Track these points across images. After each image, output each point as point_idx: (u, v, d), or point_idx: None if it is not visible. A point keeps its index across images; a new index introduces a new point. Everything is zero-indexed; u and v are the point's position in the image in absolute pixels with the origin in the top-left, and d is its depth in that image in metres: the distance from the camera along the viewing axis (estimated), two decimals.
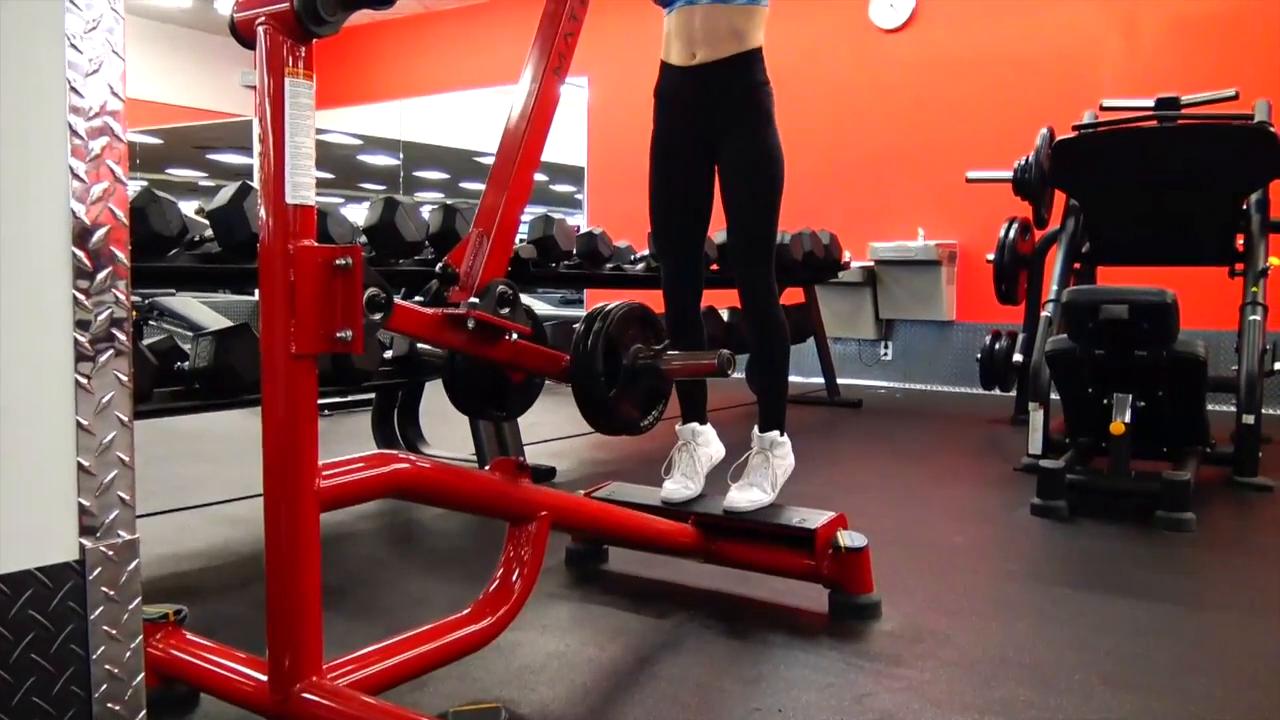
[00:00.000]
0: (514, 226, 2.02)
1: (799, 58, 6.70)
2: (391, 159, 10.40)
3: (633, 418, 2.09)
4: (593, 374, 1.99)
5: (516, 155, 2.01)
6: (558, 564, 2.70)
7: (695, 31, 2.51)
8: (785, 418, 2.63)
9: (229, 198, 2.76)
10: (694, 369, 2.14)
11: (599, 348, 2.00)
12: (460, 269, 1.93)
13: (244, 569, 2.75)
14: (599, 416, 2.05)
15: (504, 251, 1.97)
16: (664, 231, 2.69)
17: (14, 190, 0.97)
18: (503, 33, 8.73)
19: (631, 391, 2.08)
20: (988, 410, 5.87)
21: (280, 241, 1.50)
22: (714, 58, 2.51)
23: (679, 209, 2.65)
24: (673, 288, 2.68)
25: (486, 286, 1.89)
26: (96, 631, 1.03)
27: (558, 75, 2.09)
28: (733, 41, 2.50)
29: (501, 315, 1.89)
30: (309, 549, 1.56)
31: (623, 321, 2.05)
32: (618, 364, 2.04)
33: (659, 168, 2.65)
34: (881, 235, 6.87)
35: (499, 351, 1.95)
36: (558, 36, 2.10)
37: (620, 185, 7.87)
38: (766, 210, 2.55)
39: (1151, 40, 6.18)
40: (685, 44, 2.54)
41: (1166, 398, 3.47)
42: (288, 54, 1.49)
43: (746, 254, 2.57)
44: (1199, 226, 4.42)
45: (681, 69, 2.56)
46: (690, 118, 2.58)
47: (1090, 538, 3.11)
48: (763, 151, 2.52)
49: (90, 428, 1.01)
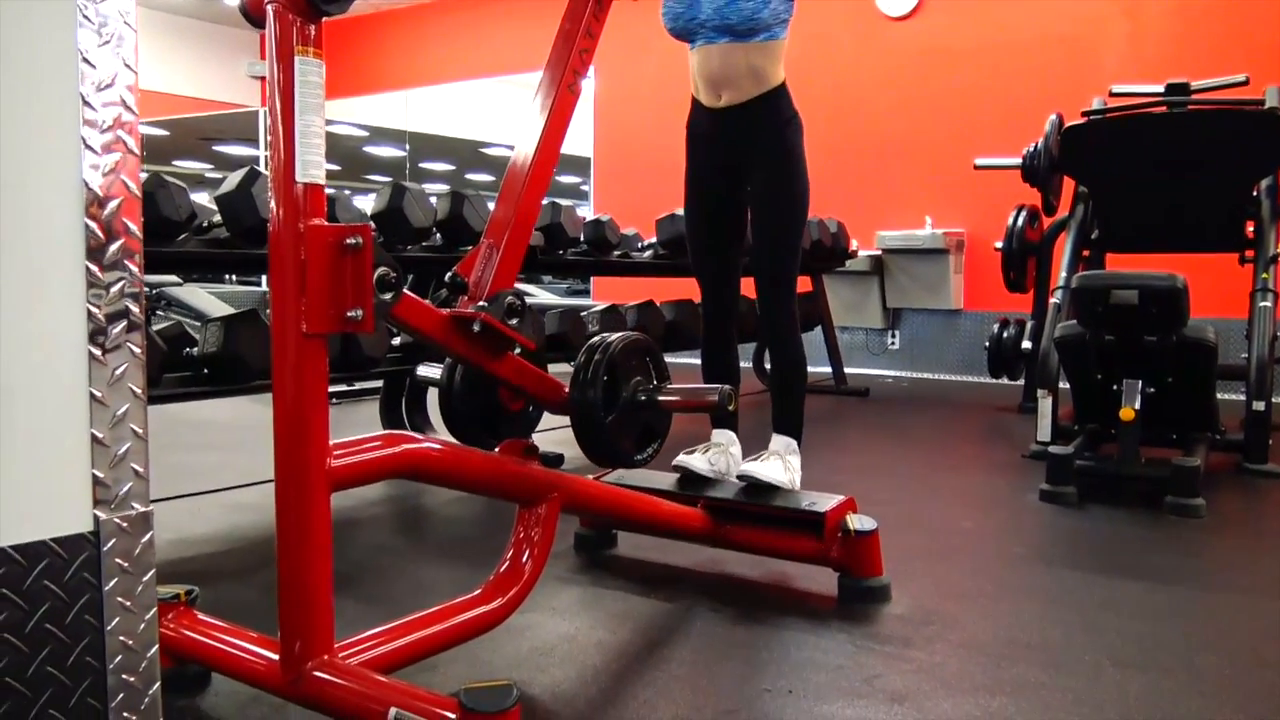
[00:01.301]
0: (525, 239, 2.01)
1: (806, 46, 6.66)
2: (398, 150, 10.40)
3: (627, 450, 2.08)
4: (592, 404, 1.98)
5: (529, 170, 2.00)
6: (566, 548, 2.71)
7: (716, 73, 2.57)
8: (802, 431, 2.68)
9: (237, 183, 2.76)
10: (693, 405, 2.14)
11: (599, 378, 1.99)
12: (469, 279, 1.92)
13: (253, 554, 2.75)
14: (595, 447, 2.04)
15: (514, 263, 1.96)
16: (701, 257, 2.77)
17: (25, 162, 0.97)
18: (509, 22, 8.71)
19: (629, 424, 2.06)
20: (995, 398, 5.86)
21: (291, 221, 1.50)
22: (739, 100, 2.57)
23: (714, 237, 2.74)
24: (711, 314, 2.78)
25: (495, 296, 1.88)
26: (111, 603, 1.03)
27: (572, 91, 2.09)
28: (754, 83, 2.56)
29: (509, 325, 1.87)
30: (320, 528, 1.56)
31: (624, 353, 2.04)
32: (617, 396, 2.04)
33: (693, 202, 2.75)
34: (889, 224, 6.85)
35: (502, 366, 1.94)
36: (573, 53, 2.09)
37: (627, 176, 7.87)
38: (790, 245, 2.63)
39: (1160, 26, 6.15)
40: (710, 86, 2.61)
41: (1176, 384, 3.46)
42: (297, 33, 1.48)
43: (770, 284, 2.64)
44: (1209, 213, 4.40)
45: (709, 110, 2.63)
46: (719, 153, 2.67)
47: (1099, 522, 3.10)
48: (788, 189, 2.60)
49: (104, 399, 1.01)
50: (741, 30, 2.49)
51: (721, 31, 2.51)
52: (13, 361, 0.96)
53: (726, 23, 2.49)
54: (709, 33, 2.53)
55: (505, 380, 1.97)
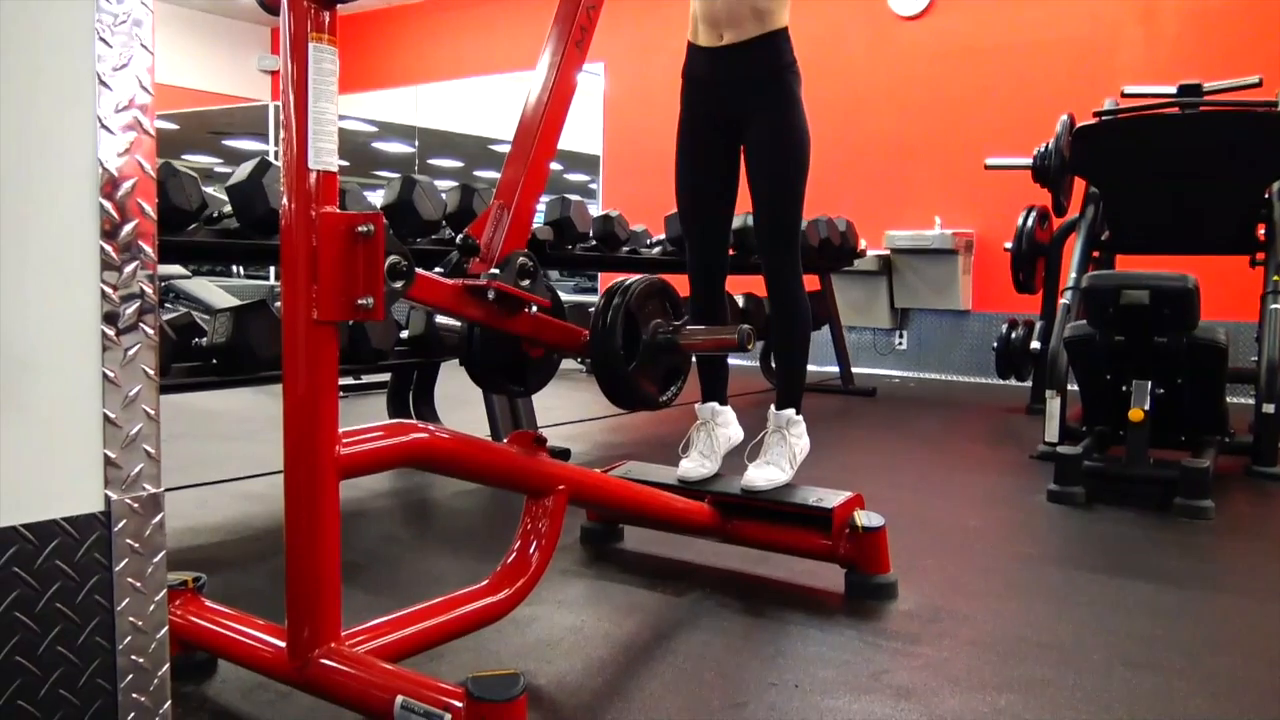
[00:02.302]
0: (535, 199, 2.02)
1: (817, 45, 6.66)
2: (406, 146, 10.39)
3: (651, 393, 2.08)
4: (612, 348, 1.98)
5: (538, 128, 2.00)
6: (573, 542, 2.70)
7: (719, 13, 2.52)
8: (802, 398, 2.63)
9: (248, 173, 2.76)
10: (713, 344, 2.13)
11: (619, 322, 1.99)
12: (481, 240, 1.93)
13: (261, 543, 2.75)
14: (618, 391, 2.04)
15: (525, 224, 1.97)
16: (690, 212, 2.68)
17: (41, 143, 0.97)
18: (519, 18, 8.72)
19: (650, 367, 2.07)
20: (1003, 400, 5.84)
21: (303, 207, 1.49)
22: (740, 39, 2.51)
23: (705, 189, 2.65)
24: (698, 268, 2.69)
25: (507, 258, 1.88)
26: (121, 584, 1.03)
27: (579, 47, 2.09)
28: (757, 22, 2.50)
29: (522, 287, 1.88)
30: (329, 516, 1.56)
31: (642, 296, 2.04)
32: (637, 339, 2.03)
33: (685, 148, 2.66)
34: (898, 224, 6.84)
35: (518, 324, 1.95)
36: (580, 9, 2.09)
37: (636, 173, 7.86)
38: (792, 192, 2.55)
39: (1172, 27, 6.13)
40: (711, 26, 2.55)
41: (1186, 385, 3.44)
42: (312, 20, 1.48)
43: (772, 235, 2.57)
44: (1220, 215, 4.38)
45: (708, 50, 2.57)
46: (717, 99, 2.59)
47: (1108, 523, 3.09)
48: (789, 133, 2.52)
49: (116, 380, 1.01)
50: None
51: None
52: (27, 341, 0.96)
53: None
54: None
55: (524, 335, 1.97)
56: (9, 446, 0.95)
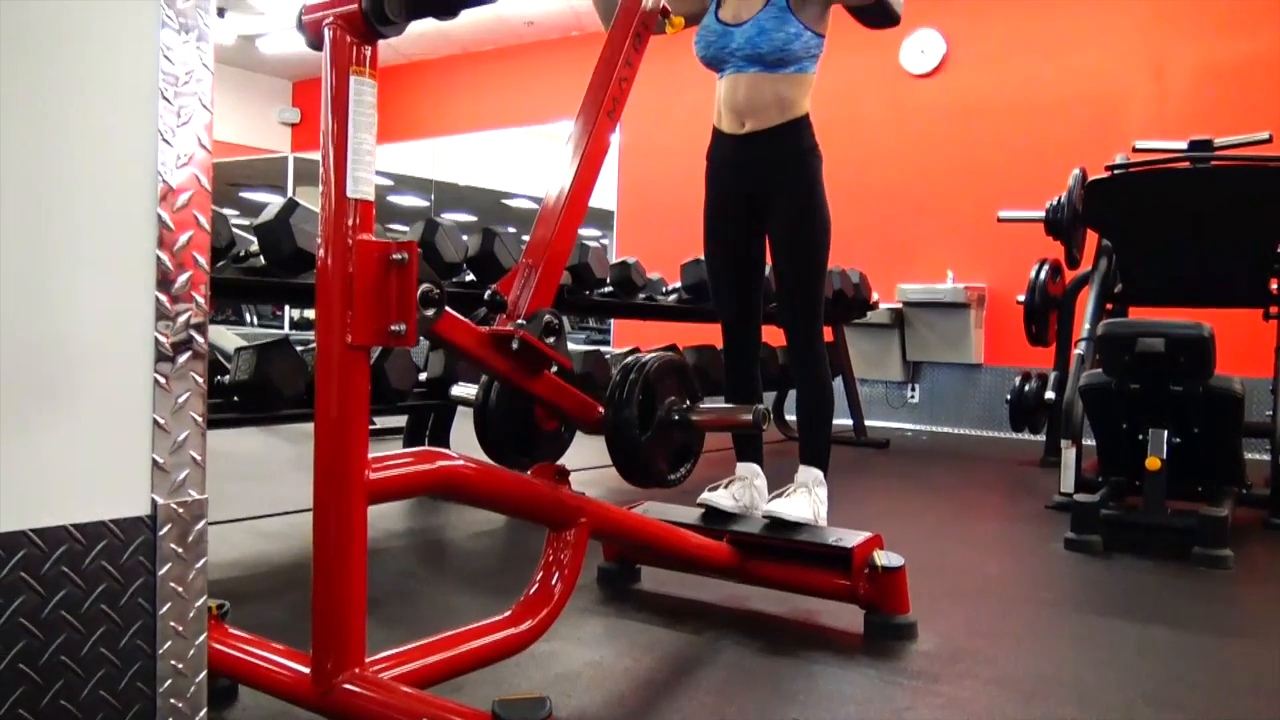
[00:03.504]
0: (563, 259, 2.04)
1: (831, 101, 6.73)
2: (422, 200, 10.53)
3: (663, 470, 2.09)
4: (627, 423, 2.00)
5: (568, 191, 2.04)
6: (590, 582, 2.70)
7: (742, 101, 2.61)
8: (829, 461, 2.67)
9: (276, 212, 2.81)
10: (727, 423, 2.16)
11: (635, 396, 2.01)
12: (508, 297, 1.95)
13: (279, 578, 2.76)
14: (631, 464, 2.04)
15: (552, 283, 1.99)
16: (721, 290, 2.77)
17: (104, 151, 1.00)
18: (537, 74, 8.88)
19: (664, 443, 2.08)
20: (1016, 453, 5.83)
21: (340, 234, 1.53)
22: (762, 127, 2.60)
23: (734, 271, 2.74)
24: (732, 343, 2.78)
25: (534, 314, 1.90)
26: (164, 588, 1.04)
27: (611, 117, 2.14)
28: (779, 111, 2.59)
29: (546, 343, 1.90)
30: (357, 540, 1.57)
31: (658, 373, 2.06)
32: (652, 414, 2.05)
33: (713, 230, 2.75)
34: (910, 277, 6.89)
35: (539, 385, 1.96)
36: (613, 81, 2.15)
37: (649, 225, 7.95)
38: (813, 270, 2.63)
39: (1182, 84, 6.22)
40: (734, 113, 2.64)
41: (1202, 435, 3.44)
42: (354, 53, 1.53)
43: (794, 312, 2.64)
44: (1232, 269, 4.41)
45: (732, 137, 2.66)
46: (741, 182, 2.68)
47: (1126, 571, 3.08)
48: (809, 213, 2.60)
49: (167, 386, 1.04)
50: (771, 61, 2.53)
51: (751, 61, 2.56)
52: (81, 345, 0.99)
53: (757, 52, 2.53)
54: (739, 61, 2.58)
55: (541, 398, 1.98)
56: (61, 447, 0.97)
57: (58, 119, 0.95)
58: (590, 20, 8.13)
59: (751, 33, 2.53)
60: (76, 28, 0.95)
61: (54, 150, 0.95)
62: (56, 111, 0.95)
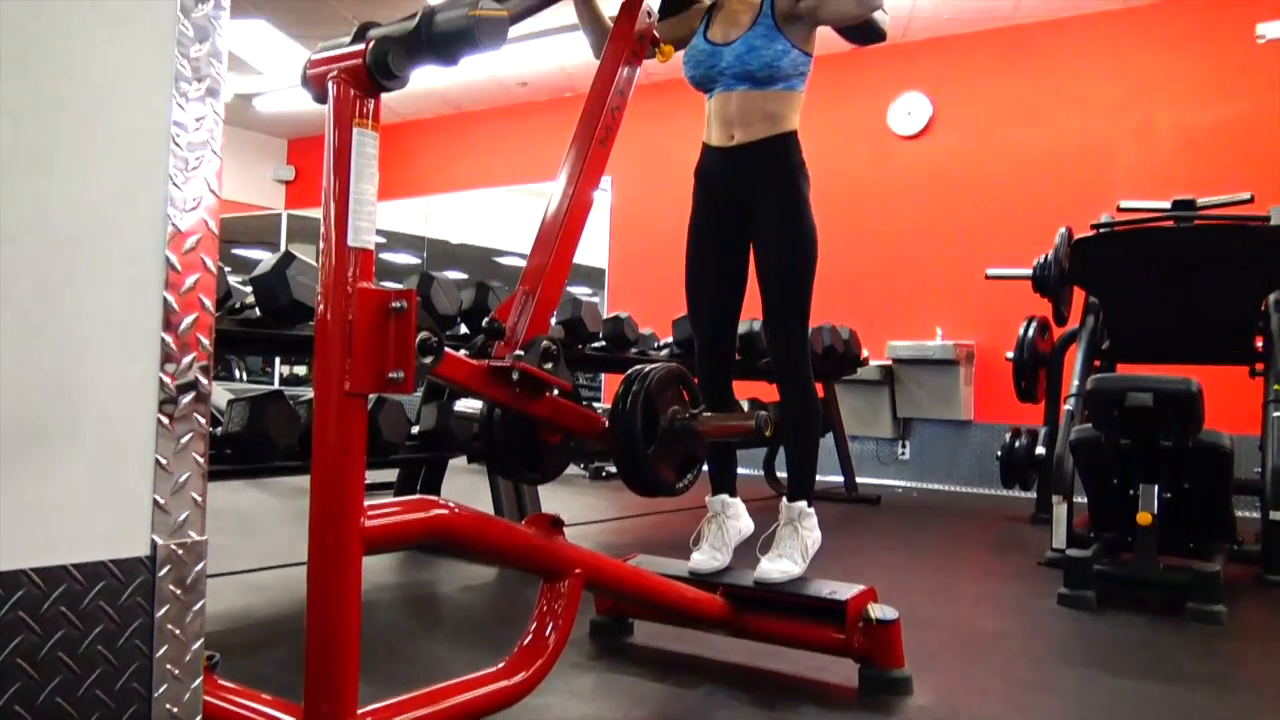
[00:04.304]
0: (559, 285, 2.08)
1: (819, 160, 6.79)
2: (414, 257, 10.58)
3: (669, 478, 2.10)
4: (633, 433, 2.01)
5: (564, 217, 2.08)
6: (582, 636, 2.68)
7: (732, 115, 2.62)
8: (813, 489, 2.65)
9: (273, 264, 2.83)
10: (731, 430, 2.16)
11: (639, 407, 2.02)
12: (506, 324, 1.98)
13: (267, 632, 2.73)
14: (637, 475, 2.06)
15: (548, 309, 2.02)
16: (699, 304, 2.74)
17: (115, 192, 1.02)
18: (529, 134, 9.00)
19: (669, 453, 2.09)
20: (1008, 509, 5.83)
21: (341, 282, 1.55)
22: (750, 139, 2.60)
23: (714, 282, 2.71)
24: (706, 359, 2.73)
25: (531, 341, 1.93)
26: (162, 630, 1.04)
27: (604, 145, 2.18)
28: (768, 124, 2.60)
29: (545, 369, 1.92)
30: (352, 587, 1.56)
31: (661, 383, 2.08)
32: (656, 424, 2.06)
33: (696, 242, 2.73)
34: (899, 334, 6.94)
35: (540, 407, 1.98)
36: (605, 110, 2.19)
37: (640, 282, 8.01)
38: (801, 279, 2.60)
39: (1164, 146, 6.34)
40: (723, 126, 2.65)
41: (1193, 490, 3.46)
42: (357, 105, 1.56)
43: (782, 323, 2.60)
44: (1218, 326, 4.46)
45: (719, 149, 2.66)
46: (727, 194, 2.67)
47: (1120, 627, 3.06)
48: (796, 222, 2.59)
49: (170, 427, 1.04)
50: (761, 78, 2.56)
51: (741, 78, 2.58)
52: (86, 383, 0.99)
53: (746, 69, 2.56)
54: (729, 80, 2.60)
55: (545, 419, 2.00)
56: (62, 486, 0.98)
57: (70, 161, 0.97)
58: (582, 81, 8.27)
59: (741, 50, 2.57)
60: (91, 73, 0.98)
61: (65, 192, 0.96)
62: (69, 154, 0.97)
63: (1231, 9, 6.16)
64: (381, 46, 1.54)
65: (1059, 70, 6.72)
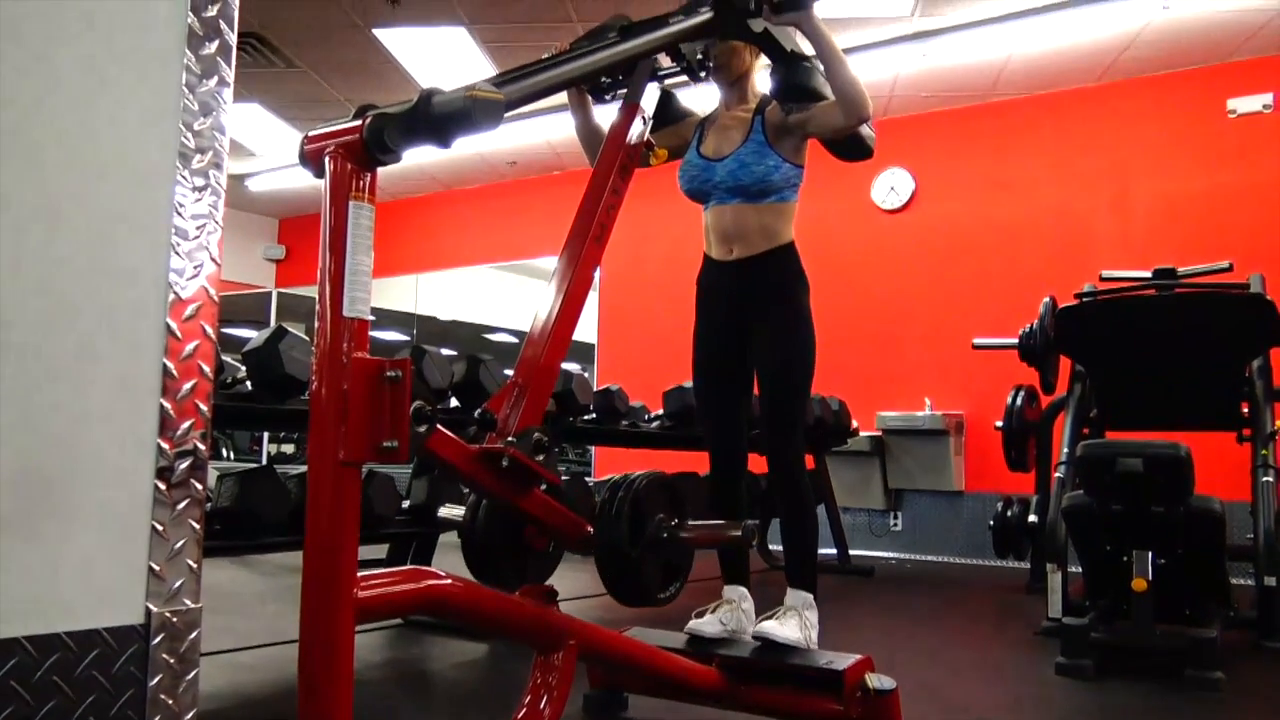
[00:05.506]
0: (552, 378, 2.08)
1: (806, 235, 6.88)
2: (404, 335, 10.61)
3: (652, 588, 2.09)
4: (617, 541, 2.00)
5: (557, 312, 2.09)
6: (576, 710, 2.63)
7: (729, 230, 2.70)
8: (816, 581, 2.67)
9: (265, 339, 2.85)
10: (717, 539, 2.17)
11: (625, 513, 2.02)
12: (498, 415, 1.98)
13: (253, 711, 2.68)
14: (621, 581, 2.04)
15: (541, 401, 2.02)
16: (710, 412, 2.80)
17: (117, 259, 1.04)
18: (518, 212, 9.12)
19: (653, 560, 2.08)
20: (1002, 579, 5.80)
21: (336, 352, 1.56)
22: (749, 254, 2.69)
23: (723, 390, 2.78)
24: (718, 462, 2.79)
25: (524, 431, 1.93)
26: (154, 699, 1.03)
27: (598, 243, 2.22)
28: (764, 239, 2.69)
29: (535, 461, 1.91)
30: (344, 658, 1.54)
31: (647, 490, 2.08)
32: (642, 531, 2.06)
33: (703, 352, 2.81)
34: (888, 404, 6.96)
35: (528, 502, 1.97)
36: (600, 209, 2.23)
37: (630, 354, 8.04)
38: (798, 391, 2.67)
39: (1143, 216, 6.46)
40: (722, 242, 2.73)
41: (1186, 555, 3.45)
42: (354, 179, 1.59)
43: (776, 428, 2.67)
44: (1203, 392, 4.50)
45: (720, 263, 2.75)
46: (730, 306, 2.75)
47: (1119, 695, 3.03)
48: (794, 338, 2.66)
49: (167, 494, 1.04)
50: (754, 192, 2.64)
51: (734, 193, 2.66)
52: (83, 450, 1.00)
53: (739, 184, 2.64)
54: (722, 194, 2.68)
55: (531, 515, 1.98)
56: (58, 552, 0.98)
57: (74, 226, 0.99)
58: (571, 159, 8.41)
59: (733, 166, 2.65)
60: (99, 145, 1.00)
61: (68, 256, 0.98)
62: (73, 219, 0.98)
63: (1204, 85, 6.34)
64: (378, 122, 1.58)
65: (1038, 144, 6.88)
